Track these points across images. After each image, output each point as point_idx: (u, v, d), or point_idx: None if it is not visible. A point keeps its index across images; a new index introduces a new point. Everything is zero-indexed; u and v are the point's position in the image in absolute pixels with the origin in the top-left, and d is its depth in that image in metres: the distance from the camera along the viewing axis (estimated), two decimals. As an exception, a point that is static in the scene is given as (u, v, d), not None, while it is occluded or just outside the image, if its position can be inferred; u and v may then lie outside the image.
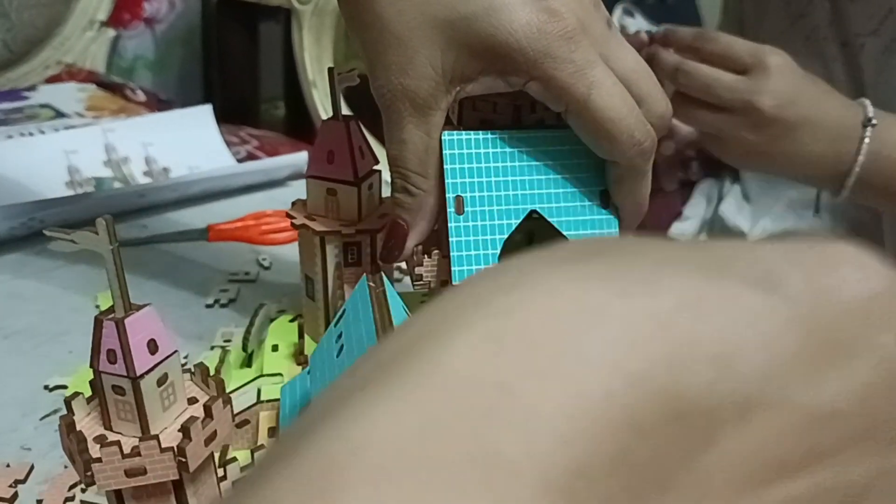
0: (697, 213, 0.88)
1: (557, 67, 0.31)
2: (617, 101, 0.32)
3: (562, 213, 0.34)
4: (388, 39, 0.32)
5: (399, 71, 0.33)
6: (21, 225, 0.61)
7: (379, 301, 0.29)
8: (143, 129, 0.80)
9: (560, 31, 0.31)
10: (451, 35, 0.32)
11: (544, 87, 0.32)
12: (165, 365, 0.26)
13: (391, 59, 0.33)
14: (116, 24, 1.34)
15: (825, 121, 0.57)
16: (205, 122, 0.84)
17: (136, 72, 1.41)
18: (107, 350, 0.25)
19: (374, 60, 0.33)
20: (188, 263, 0.61)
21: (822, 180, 0.59)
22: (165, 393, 0.26)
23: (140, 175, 0.76)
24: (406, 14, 0.32)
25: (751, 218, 0.80)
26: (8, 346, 0.49)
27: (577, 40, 0.32)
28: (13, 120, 0.89)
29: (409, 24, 0.32)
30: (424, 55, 0.32)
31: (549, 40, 0.31)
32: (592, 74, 0.32)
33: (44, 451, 0.40)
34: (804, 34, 0.72)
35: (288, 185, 0.78)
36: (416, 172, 0.35)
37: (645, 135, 0.33)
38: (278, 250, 0.64)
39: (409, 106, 0.33)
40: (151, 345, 0.26)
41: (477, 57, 0.32)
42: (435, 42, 0.32)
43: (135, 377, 0.25)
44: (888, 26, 0.65)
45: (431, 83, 0.33)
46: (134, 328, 0.25)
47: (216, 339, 0.50)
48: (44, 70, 1.20)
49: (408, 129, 0.34)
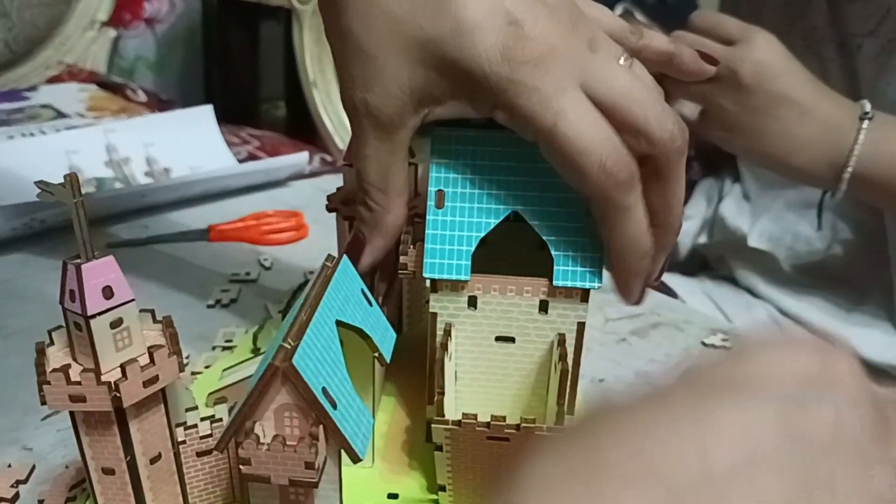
0: (697, 212, 0.88)
1: (522, 95, 0.30)
2: (586, 130, 0.30)
3: (543, 217, 0.34)
4: (355, 52, 0.31)
5: (363, 86, 0.32)
6: (22, 225, 0.61)
7: (323, 281, 0.32)
8: (144, 129, 0.80)
9: (527, 57, 0.30)
10: (419, 55, 0.31)
11: (509, 116, 0.31)
12: (121, 311, 0.29)
13: (356, 72, 0.32)
14: (117, 25, 1.34)
15: (815, 107, 0.57)
16: (206, 123, 0.84)
17: (137, 72, 1.41)
18: (69, 290, 0.29)
19: (342, 72, 0.33)
20: (189, 264, 0.61)
21: (817, 176, 0.59)
22: (119, 336, 0.30)
23: (141, 175, 0.77)
24: (374, 30, 0.31)
25: (750, 217, 0.80)
26: (8, 346, 0.49)
27: (546, 67, 0.30)
28: (14, 120, 0.89)
29: (377, 40, 0.31)
30: (390, 73, 0.31)
31: (515, 66, 0.30)
32: (560, 103, 0.30)
33: (45, 452, 0.40)
34: (802, 35, 0.72)
35: (289, 185, 0.78)
36: (376, 188, 0.34)
37: (620, 165, 0.30)
38: (279, 250, 0.64)
39: (372, 122, 0.33)
40: (107, 290, 0.29)
41: (444, 79, 0.31)
42: (402, 61, 0.31)
43: (87, 316, 0.28)
44: (885, 27, 0.65)
45: (397, 102, 0.32)
46: (90, 273, 0.28)
47: (217, 339, 0.50)
48: (45, 70, 1.20)
49: (371, 144, 0.33)
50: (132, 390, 0.29)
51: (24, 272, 0.58)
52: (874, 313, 0.70)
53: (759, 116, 0.57)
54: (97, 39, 1.29)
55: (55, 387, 0.28)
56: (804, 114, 0.57)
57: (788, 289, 0.74)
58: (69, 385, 0.28)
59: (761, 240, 0.77)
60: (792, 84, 0.57)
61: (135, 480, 0.32)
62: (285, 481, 0.28)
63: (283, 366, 0.27)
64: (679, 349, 0.50)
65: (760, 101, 0.56)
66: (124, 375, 0.29)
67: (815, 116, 0.57)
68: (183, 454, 0.33)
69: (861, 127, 0.56)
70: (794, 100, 0.57)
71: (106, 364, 0.29)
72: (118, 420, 0.30)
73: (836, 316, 0.71)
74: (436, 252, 0.34)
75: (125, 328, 0.30)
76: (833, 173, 0.57)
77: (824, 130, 0.57)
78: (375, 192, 0.34)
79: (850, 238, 0.72)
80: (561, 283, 0.34)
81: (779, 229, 0.76)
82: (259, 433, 0.28)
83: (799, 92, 0.57)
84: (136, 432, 0.31)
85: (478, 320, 0.36)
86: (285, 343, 0.27)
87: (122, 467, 0.31)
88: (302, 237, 0.66)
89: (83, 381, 0.28)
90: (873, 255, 0.70)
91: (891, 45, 0.65)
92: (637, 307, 0.55)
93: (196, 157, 0.79)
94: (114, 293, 0.29)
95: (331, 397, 0.28)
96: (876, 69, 0.66)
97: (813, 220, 0.74)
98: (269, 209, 0.69)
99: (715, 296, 0.76)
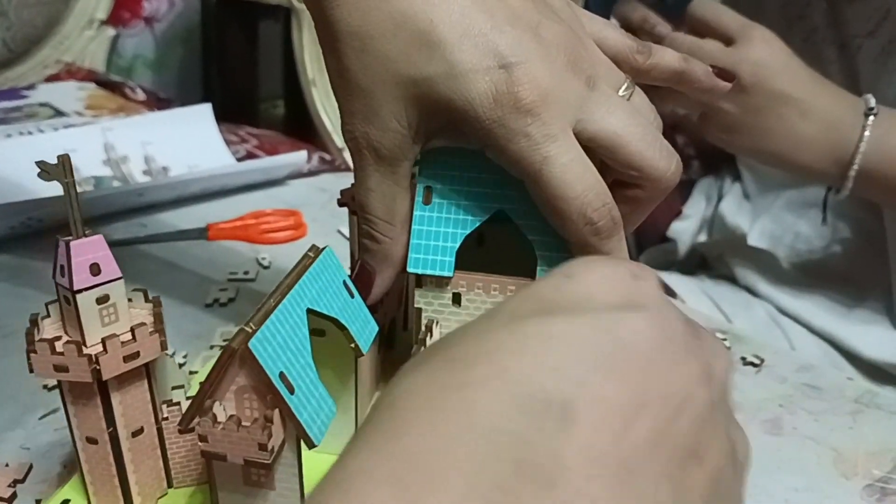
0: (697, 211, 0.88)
1: (511, 140, 0.30)
2: (571, 178, 0.30)
3: (529, 216, 0.34)
4: (354, 89, 0.32)
5: (364, 120, 0.33)
6: (20, 224, 0.61)
7: (299, 270, 0.33)
8: (143, 128, 0.80)
9: (517, 103, 0.30)
10: (414, 92, 0.31)
11: (498, 156, 0.32)
12: (107, 287, 0.31)
13: (357, 106, 0.33)
14: (116, 23, 1.34)
15: (816, 104, 0.57)
16: (204, 121, 0.84)
17: (136, 70, 1.41)
18: (59, 265, 0.30)
19: (342, 107, 0.33)
20: (187, 262, 0.61)
21: (822, 172, 0.58)
22: (105, 311, 0.31)
23: (139, 174, 0.76)
24: (371, 68, 0.31)
25: (750, 216, 0.79)
26: (7, 345, 0.49)
27: (536, 113, 0.30)
28: (12, 119, 0.89)
29: (374, 77, 0.32)
30: (388, 108, 0.32)
31: (505, 112, 0.30)
32: (547, 149, 0.30)
33: (43, 451, 0.40)
34: (802, 36, 0.72)
35: (287, 184, 0.78)
36: (382, 220, 0.35)
37: (601, 215, 0.31)
38: (278, 249, 0.64)
39: (374, 155, 0.33)
40: (94, 268, 0.30)
41: (438, 116, 0.32)
42: (398, 97, 0.32)
43: (73, 290, 0.30)
44: (885, 28, 0.65)
45: (397, 135, 0.32)
46: (79, 250, 0.30)
47: (215, 338, 0.50)
48: (43, 69, 1.20)
49: (374, 177, 0.34)
50: (112, 364, 0.31)
51: (22, 271, 0.58)
52: (874, 311, 0.70)
53: (760, 116, 0.57)
54: (96, 38, 1.29)
55: (41, 356, 0.30)
56: (806, 111, 0.57)
57: (788, 287, 0.74)
58: (53, 355, 0.30)
59: (761, 239, 0.77)
60: (791, 82, 0.57)
61: (116, 452, 0.33)
62: (240, 461, 0.29)
63: (239, 348, 0.27)
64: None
65: (761, 101, 0.56)
66: (105, 349, 0.30)
67: (817, 113, 0.57)
68: (166, 430, 0.34)
69: (866, 123, 0.56)
70: (794, 97, 0.57)
71: (91, 338, 0.31)
72: (101, 392, 0.32)
73: (836, 314, 0.71)
74: (421, 247, 0.35)
75: (111, 304, 0.31)
76: (839, 170, 0.57)
77: (827, 127, 0.57)
78: (382, 225, 0.35)
79: (850, 237, 0.72)
80: None
81: (779, 228, 0.76)
82: (219, 412, 0.29)
83: (799, 89, 0.57)
84: (117, 405, 0.32)
85: (462, 318, 0.36)
86: (246, 327, 0.28)
87: (105, 438, 0.33)
88: (300, 236, 0.66)
89: (66, 352, 0.30)
90: (873, 254, 0.70)
91: (891, 45, 0.65)
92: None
93: (194, 156, 0.79)
94: (101, 270, 0.31)
95: (288, 382, 0.28)
96: (876, 70, 0.66)
97: (813, 218, 0.74)
98: (268, 208, 0.69)
99: (714, 295, 0.76)
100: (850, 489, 0.38)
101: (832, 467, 0.40)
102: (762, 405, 0.44)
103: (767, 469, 0.39)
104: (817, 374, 0.48)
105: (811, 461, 0.40)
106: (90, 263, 0.30)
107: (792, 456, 0.40)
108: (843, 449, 0.41)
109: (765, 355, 0.49)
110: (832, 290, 0.72)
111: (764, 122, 0.57)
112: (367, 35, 0.31)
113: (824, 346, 0.70)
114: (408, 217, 0.35)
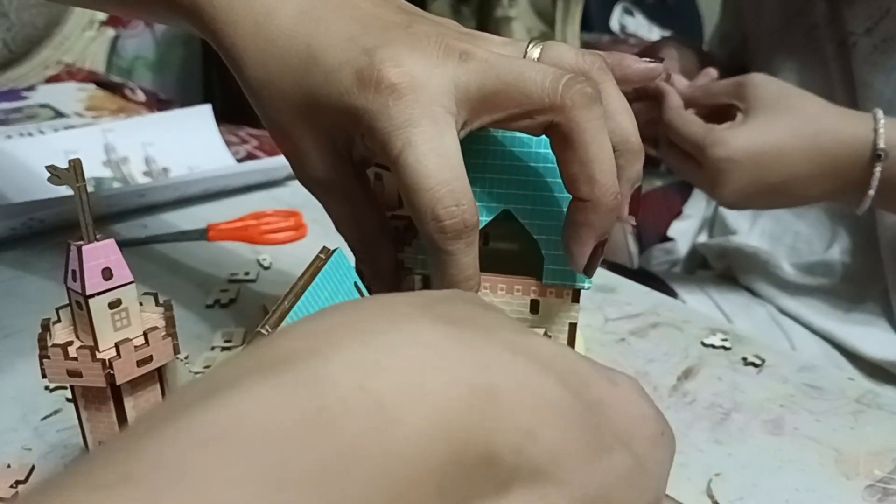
0: (697, 211, 0.88)
1: (376, 119, 0.30)
2: (425, 170, 0.29)
3: (535, 216, 0.34)
4: (280, 137, 0.35)
5: (299, 165, 0.35)
6: (21, 225, 0.61)
7: (312, 272, 0.33)
8: (143, 129, 0.80)
9: (380, 82, 0.30)
10: (316, 116, 0.33)
11: (371, 141, 0.32)
12: (119, 292, 0.31)
13: (289, 154, 0.35)
14: (116, 24, 1.34)
15: (816, 172, 0.56)
16: (204, 122, 0.84)
17: (136, 71, 1.41)
18: (71, 270, 0.31)
19: (285, 155, 0.36)
20: (188, 263, 0.61)
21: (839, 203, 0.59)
22: (118, 316, 0.31)
23: (140, 175, 0.76)
24: (282, 112, 0.34)
25: (751, 217, 0.80)
26: (8, 346, 0.49)
27: (400, 94, 0.30)
28: (13, 120, 0.89)
29: (287, 119, 0.34)
30: (308, 143, 0.34)
31: (370, 93, 0.30)
32: (409, 133, 0.30)
33: (44, 452, 0.40)
34: (803, 31, 0.72)
35: (287, 184, 0.78)
36: (358, 242, 0.37)
37: (450, 214, 0.30)
38: (278, 250, 0.64)
39: (321, 191, 0.35)
40: (106, 272, 0.31)
41: (338, 127, 0.33)
42: (306, 126, 0.33)
43: (86, 295, 0.30)
44: (883, 26, 0.65)
45: (325, 163, 0.34)
46: (90, 255, 0.30)
47: (216, 339, 0.50)
48: (43, 70, 1.20)
49: (333, 209, 0.36)
50: (126, 368, 0.31)
51: (24, 272, 0.58)
52: (873, 312, 0.70)
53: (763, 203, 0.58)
54: (96, 39, 1.29)
55: (54, 361, 0.30)
56: (807, 183, 0.56)
57: (788, 288, 0.74)
58: (66, 360, 0.30)
59: (762, 239, 0.77)
60: (783, 173, 0.56)
61: None
62: None
63: None
64: (678, 349, 0.50)
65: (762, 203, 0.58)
66: (118, 354, 0.30)
67: (816, 179, 0.56)
68: None
69: (875, 170, 0.55)
70: (789, 184, 0.57)
71: (104, 342, 0.31)
72: (114, 396, 0.32)
73: (836, 315, 0.71)
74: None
75: (123, 309, 0.32)
76: (854, 200, 0.57)
77: (833, 182, 0.56)
78: (360, 246, 0.37)
79: (850, 237, 0.72)
80: (550, 282, 0.34)
81: (779, 228, 0.76)
82: None
83: (797, 169, 0.56)
84: (130, 409, 0.33)
85: None
86: (262, 330, 0.28)
87: None
88: (301, 237, 0.66)
89: (80, 357, 0.30)
90: (872, 254, 0.70)
91: (884, 44, 0.65)
92: (636, 307, 0.55)
93: (194, 157, 0.79)
94: (113, 275, 0.31)
95: None
96: (869, 67, 0.66)
97: (813, 219, 0.74)
98: (269, 209, 0.69)
99: (715, 295, 0.76)
100: (851, 489, 0.38)
101: (833, 467, 0.40)
102: (763, 405, 0.44)
103: (768, 469, 0.39)
104: (818, 375, 0.48)
105: (812, 461, 0.40)
106: (102, 268, 0.30)
107: (793, 456, 0.40)
108: (844, 449, 0.41)
109: (766, 356, 0.49)
110: (832, 291, 0.72)
111: (772, 204, 0.58)
112: (269, 82, 0.33)
113: (825, 347, 0.70)
114: (379, 227, 0.37)
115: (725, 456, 0.40)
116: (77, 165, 0.30)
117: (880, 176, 0.55)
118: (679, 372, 0.47)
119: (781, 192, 0.57)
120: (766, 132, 0.55)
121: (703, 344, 0.51)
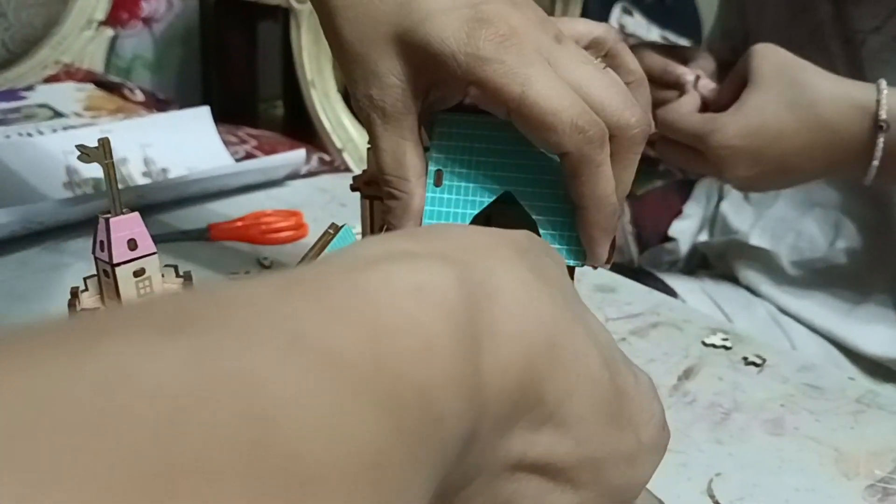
0: (698, 211, 0.88)
1: (488, 68, 0.32)
2: (554, 94, 0.32)
3: (534, 198, 0.36)
4: (352, 56, 0.35)
5: (364, 84, 0.35)
6: (21, 226, 0.61)
7: (320, 245, 0.35)
8: (142, 129, 0.80)
9: (490, 35, 0.32)
10: (402, 46, 0.34)
11: (481, 91, 0.33)
12: (143, 262, 0.34)
13: (357, 74, 0.35)
14: (114, 24, 1.34)
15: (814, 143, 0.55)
16: (203, 123, 0.83)
17: (135, 71, 1.41)
18: (99, 241, 0.33)
19: (347, 77, 0.36)
20: (190, 263, 0.61)
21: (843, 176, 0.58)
22: (142, 284, 0.34)
23: (139, 176, 0.76)
24: (364, 34, 0.34)
25: (752, 216, 0.80)
26: (8, 347, 0.49)
27: (510, 43, 0.32)
28: (11, 120, 0.89)
29: (365, 40, 0.34)
30: (384, 67, 0.34)
31: (479, 43, 0.32)
32: (526, 72, 0.31)
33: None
34: (809, 29, 0.71)
35: (288, 184, 0.78)
36: (396, 176, 0.36)
37: (591, 123, 0.32)
38: (279, 250, 0.64)
39: (380, 115, 0.35)
40: (132, 243, 0.33)
41: (424, 66, 0.34)
42: (391, 54, 0.34)
43: (113, 264, 0.32)
44: (892, 24, 0.65)
45: (397, 91, 0.34)
46: (118, 227, 0.33)
47: (216, 339, 0.50)
48: (42, 70, 1.20)
49: (383, 137, 0.36)
50: None
51: (23, 272, 0.58)
52: (877, 309, 0.70)
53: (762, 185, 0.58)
54: (94, 39, 1.29)
55: None
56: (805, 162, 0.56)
57: (789, 287, 0.74)
58: None
59: (763, 238, 0.77)
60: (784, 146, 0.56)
61: None
62: None
63: None
64: (679, 348, 0.50)
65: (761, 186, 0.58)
66: None
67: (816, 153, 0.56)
68: None
69: (877, 142, 0.54)
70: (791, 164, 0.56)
71: None
72: None
73: (838, 313, 0.71)
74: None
75: (147, 277, 0.34)
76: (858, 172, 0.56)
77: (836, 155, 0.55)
78: (397, 181, 0.36)
79: (854, 234, 0.72)
80: None
81: (780, 227, 0.76)
82: None
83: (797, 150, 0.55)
84: None
85: None
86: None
87: None
88: (301, 236, 0.66)
89: None
90: (876, 252, 0.70)
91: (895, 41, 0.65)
92: (636, 306, 0.55)
93: (193, 158, 0.79)
94: (137, 245, 0.33)
95: None
96: (880, 65, 0.66)
97: (815, 217, 0.74)
98: (269, 209, 0.69)
99: (715, 295, 0.76)
100: (851, 489, 0.38)
101: (834, 467, 0.40)
102: (764, 405, 0.44)
103: (769, 469, 0.40)
104: (819, 374, 0.48)
105: (813, 461, 0.40)
106: (128, 239, 0.33)
107: (793, 456, 0.40)
108: (844, 449, 0.41)
109: (766, 355, 0.49)
110: (834, 289, 0.72)
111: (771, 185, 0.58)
112: (359, 3, 0.34)
113: (826, 346, 0.70)
114: (421, 171, 0.36)
115: (726, 456, 0.40)
116: (105, 144, 0.32)
117: (883, 146, 0.54)
118: (679, 371, 0.47)
119: (783, 170, 0.57)
120: (761, 109, 0.55)
121: (703, 343, 0.51)
